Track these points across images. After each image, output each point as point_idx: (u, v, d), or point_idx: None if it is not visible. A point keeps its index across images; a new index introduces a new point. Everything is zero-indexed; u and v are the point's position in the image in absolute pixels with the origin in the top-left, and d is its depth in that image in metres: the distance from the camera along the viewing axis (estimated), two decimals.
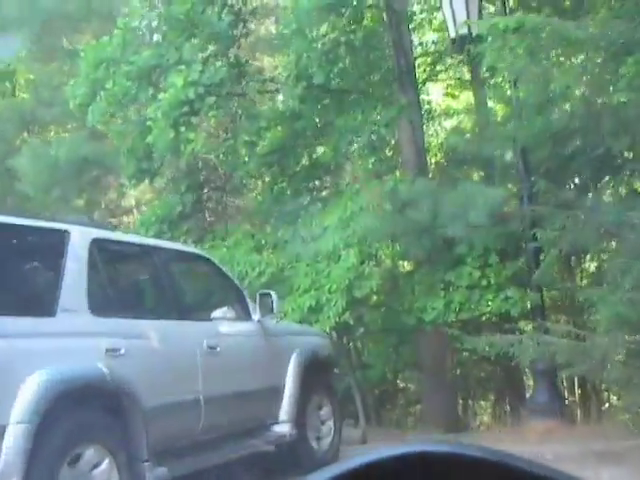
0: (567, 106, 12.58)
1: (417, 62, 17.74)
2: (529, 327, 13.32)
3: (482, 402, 21.09)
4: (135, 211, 20.52)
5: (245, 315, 9.79)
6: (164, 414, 7.51)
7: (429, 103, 19.83)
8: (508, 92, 14.10)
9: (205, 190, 17.81)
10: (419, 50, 17.71)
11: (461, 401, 18.88)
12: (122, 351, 7.09)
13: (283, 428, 9.73)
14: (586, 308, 13.28)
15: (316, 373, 10.55)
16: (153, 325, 7.96)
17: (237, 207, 18.95)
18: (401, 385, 19.06)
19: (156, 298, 9.09)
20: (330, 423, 10.92)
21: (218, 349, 8.97)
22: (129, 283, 9.62)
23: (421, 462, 1.34)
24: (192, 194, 17.48)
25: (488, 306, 13.70)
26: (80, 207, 19.37)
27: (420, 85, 18.03)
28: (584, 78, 11.88)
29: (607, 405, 17.30)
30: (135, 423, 7.03)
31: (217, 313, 9.50)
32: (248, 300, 9.93)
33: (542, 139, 12.77)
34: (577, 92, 11.89)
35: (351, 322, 14.00)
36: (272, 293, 9.94)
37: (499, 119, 16.14)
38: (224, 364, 8.87)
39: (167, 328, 8.17)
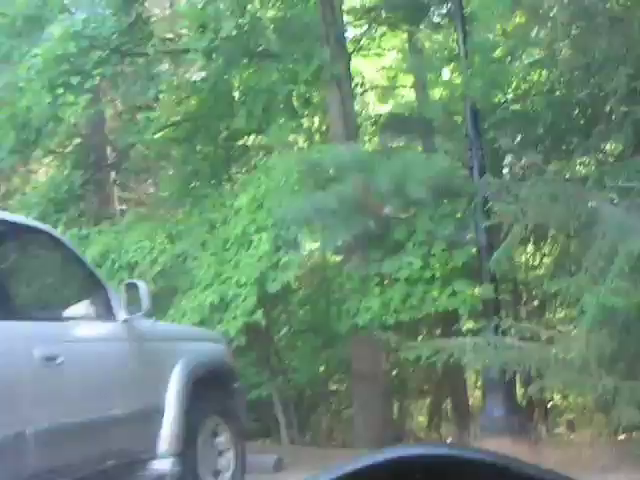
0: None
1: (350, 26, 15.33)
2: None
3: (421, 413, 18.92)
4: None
5: (106, 313, 7.12)
6: None
7: (362, 75, 17.35)
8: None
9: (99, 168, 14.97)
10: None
11: (397, 411, 17.26)
12: None
13: (163, 464, 7.47)
14: (554, 303, 10.87)
15: (209, 389, 7.97)
16: None
17: (143, 190, 16.17)
18: (333, 388, 17.17)
19: None
20: (230, 454, 8.34)
21: (60, 360, 6.33)
22: None
23: (419, 464, 1.35)
24: (86, 172, 14.73)
25: (434, 304, 11.24)
26: None
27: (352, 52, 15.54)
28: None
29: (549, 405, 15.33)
30: None
31: (65, 311, 6.85)
32: (112, 294, 7.27)
33: (496, 93, 10.44)
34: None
35: (263, 323, 11.43)
36: (141, 283, 7.30)
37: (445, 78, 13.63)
38: (69, 381, 6.28)
39: None
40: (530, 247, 12.88)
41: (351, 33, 15.75)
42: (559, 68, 9.44)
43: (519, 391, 14.38)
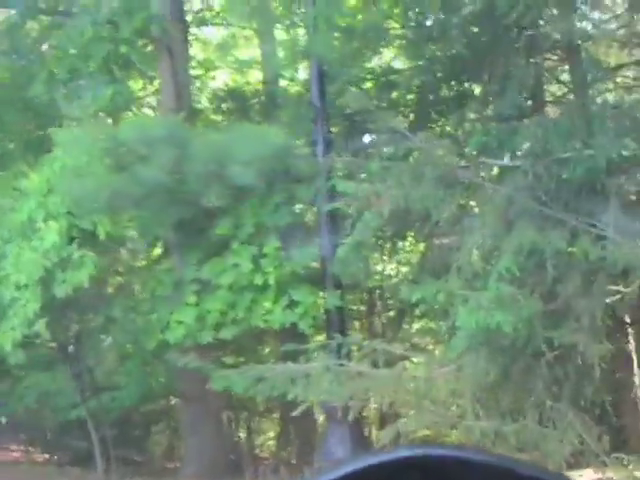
0: None
1: None
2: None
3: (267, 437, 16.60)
4: None
5: None
6: None
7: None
8: None
9: None
10: None
11: (241, 435, 15.01)
12: None
13: None
14: (413, 315, 8.63)
15: None
16: None
17: None
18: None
19: None
20: None
21: None
22: None
23: (419, 464, 1.35)
24: None
25: (264, 318, 8.80)
26: None
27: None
28: None
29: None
30: None
31: None
32: None
33: (345, 56, 8.17)
34: None
35: (48, 337, 8.79)
36: None
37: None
38: None
39: None
40: (388, 244, 10.60)
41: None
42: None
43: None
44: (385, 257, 12.36)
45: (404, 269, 11.68)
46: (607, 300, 6.14)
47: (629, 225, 6.01)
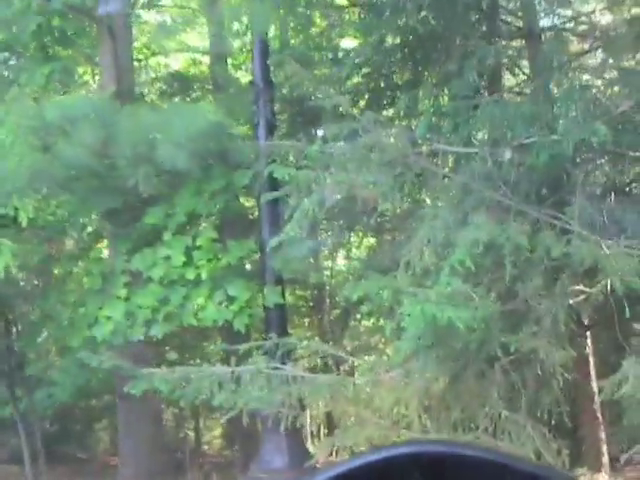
0: None
1: None
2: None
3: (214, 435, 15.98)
4: None
5: None
6: None
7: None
8: None
9: None
10: None
11: (188, 433, 14.30)
12: None
13: None
14: (358, 313, 7.96)
15: None
16: None
17: None
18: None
19: None
20: None
21: None
22: None
23: (417, 461, 1.34)
24: None
25: (197, 314, 8.08)
26: None
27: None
28: None
29: None
30: None
31: None
32: None
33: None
34: None
35: None
36: None
37: None
38: None
39: None
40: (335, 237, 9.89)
41: None
42: None
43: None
44: (337, 252, 11.75)
45: (355, 265, 11.04)
46: (570, 301, 5.57)
47: (596, 219, 5.44)
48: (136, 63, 12.46)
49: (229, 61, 11.49)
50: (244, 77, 11.16)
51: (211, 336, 11.93)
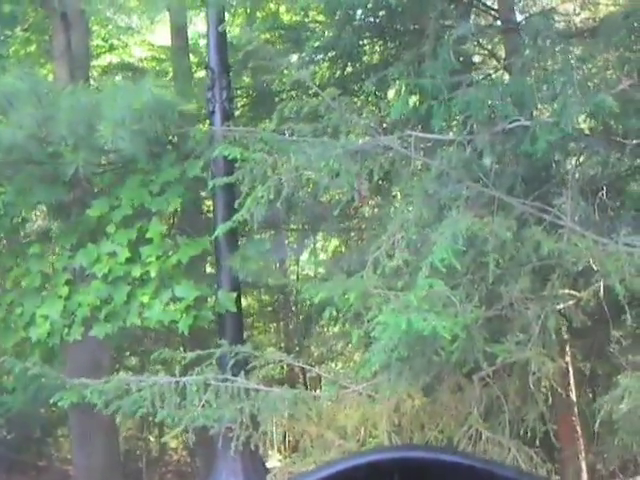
0: None
1: None
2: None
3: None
4: None
5: None
6: None
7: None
8: None
9: None
10: None
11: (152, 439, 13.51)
12: None
13: None
14: (321, 319, 7.27)
15: None
16: None
17: None
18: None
19: None
20: None
21: None
22: None
23: (399, 467, 1.31)
24: None
25: (142, 315, 7.35)
26: None
27: None
28: None
29: None
30: None
31: None
32: None
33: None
34: None
35: None
36: None
37: None
38: None
39: None
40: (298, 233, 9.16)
41: None
42: None
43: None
44: (303, 252, 11.07)
45: (320, 265, 10.34)
46: (561, 306, 4.94)
47: (590, 213, 4.82)
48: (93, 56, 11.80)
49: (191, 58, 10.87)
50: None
51: (174, 342, 11.23)
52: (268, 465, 8.58)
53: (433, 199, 5.20)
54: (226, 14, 8.07)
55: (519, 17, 7.24)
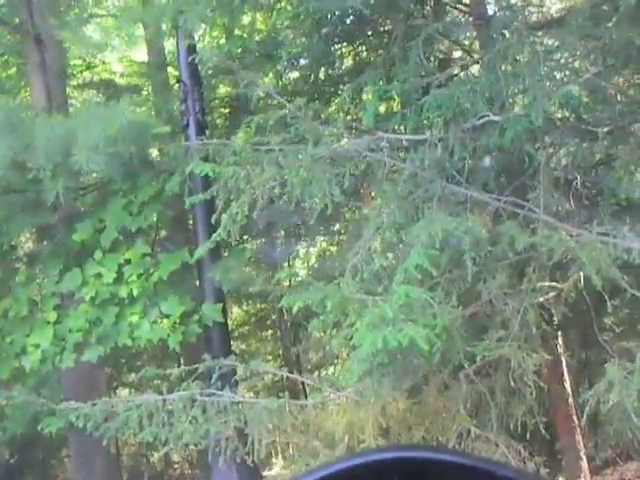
0: None
1: None
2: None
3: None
4: None
5: None
6: None
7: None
8: None
9: None
10: None
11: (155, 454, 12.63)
12: None
13: None
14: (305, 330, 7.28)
15: None
16: None
17: None
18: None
19: None
20: None
21: None
22: None
23: (398, 467, 1.34)
24: None
25: (132, 335, 7.34)
26: None
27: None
28: None
29: None
30: None
31: None
32: None
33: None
34: None
35: None
36: None
37: None
38: None
39: None
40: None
41: None
42: None
43: None
44: (285, 261, 11.01)
45: (301, 274, 10.31)
46: (540, 299, 4.93)
47: (563, 205, 4.81)
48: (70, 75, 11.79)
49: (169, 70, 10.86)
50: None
51: (171, 356, 11.22)
52: (271, 473, 8.58)
53: (407, 201, 5.19)
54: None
55: (490, 11, 7.24)
